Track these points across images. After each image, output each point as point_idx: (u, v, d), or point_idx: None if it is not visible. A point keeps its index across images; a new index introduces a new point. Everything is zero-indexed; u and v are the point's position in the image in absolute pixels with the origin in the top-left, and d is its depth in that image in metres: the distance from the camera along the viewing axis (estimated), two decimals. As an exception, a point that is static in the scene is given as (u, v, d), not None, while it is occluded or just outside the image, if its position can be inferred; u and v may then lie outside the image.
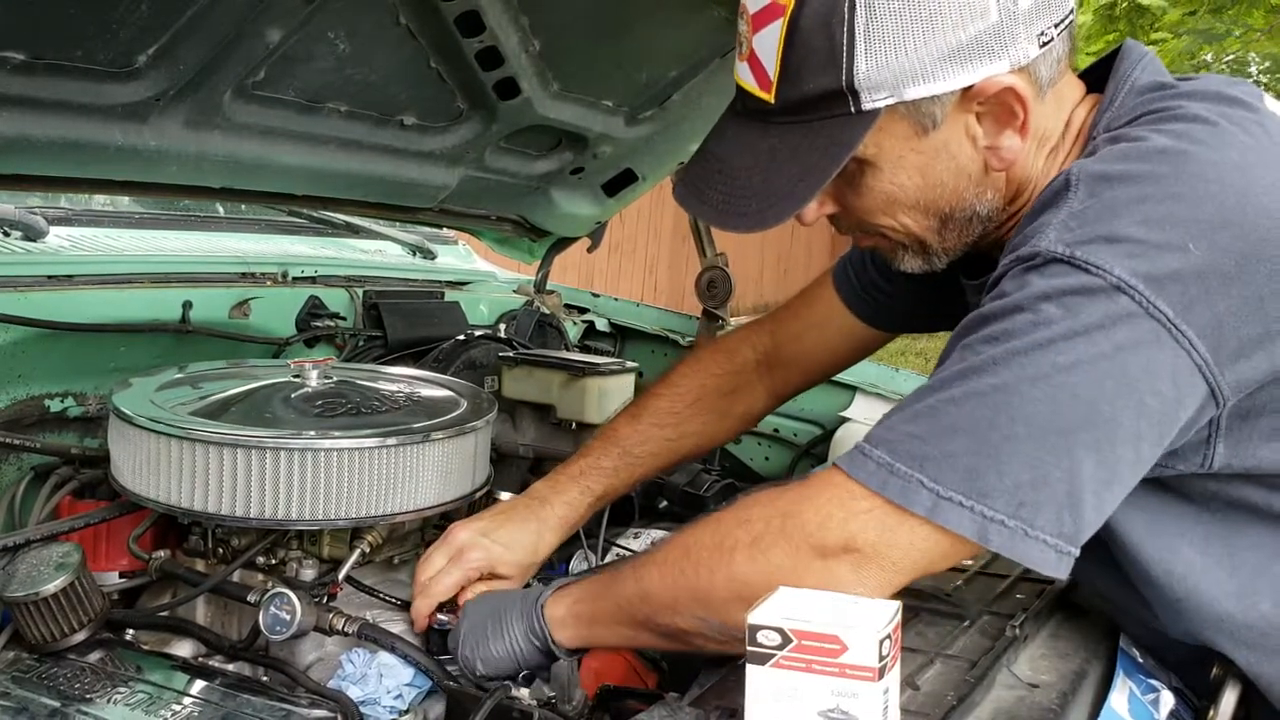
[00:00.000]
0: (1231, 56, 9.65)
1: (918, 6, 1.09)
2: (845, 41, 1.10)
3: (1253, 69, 10.99)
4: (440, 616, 1.44)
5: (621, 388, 2.08)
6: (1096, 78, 1.26)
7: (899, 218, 1.24)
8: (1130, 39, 1.32)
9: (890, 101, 1.13)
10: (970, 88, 1.14)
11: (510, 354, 2.12)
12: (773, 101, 1.17)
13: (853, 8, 1.09)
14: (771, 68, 1.15)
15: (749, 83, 1.19)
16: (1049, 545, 1.03)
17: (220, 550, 1.52)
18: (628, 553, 1.89)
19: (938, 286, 1.42)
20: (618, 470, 1.61)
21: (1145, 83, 1.20)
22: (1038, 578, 1.39)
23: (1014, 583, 1.48)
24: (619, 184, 2.50)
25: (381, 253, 2.66)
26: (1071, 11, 1.19)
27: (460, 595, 1.46)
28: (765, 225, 1.20)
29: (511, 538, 1.52)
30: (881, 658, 0.93)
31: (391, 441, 1.44)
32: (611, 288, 9.35)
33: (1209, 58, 9.13)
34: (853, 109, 1.14)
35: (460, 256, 2.89)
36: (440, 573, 1.46)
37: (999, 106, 1.16)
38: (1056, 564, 1.04)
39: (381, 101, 1.91)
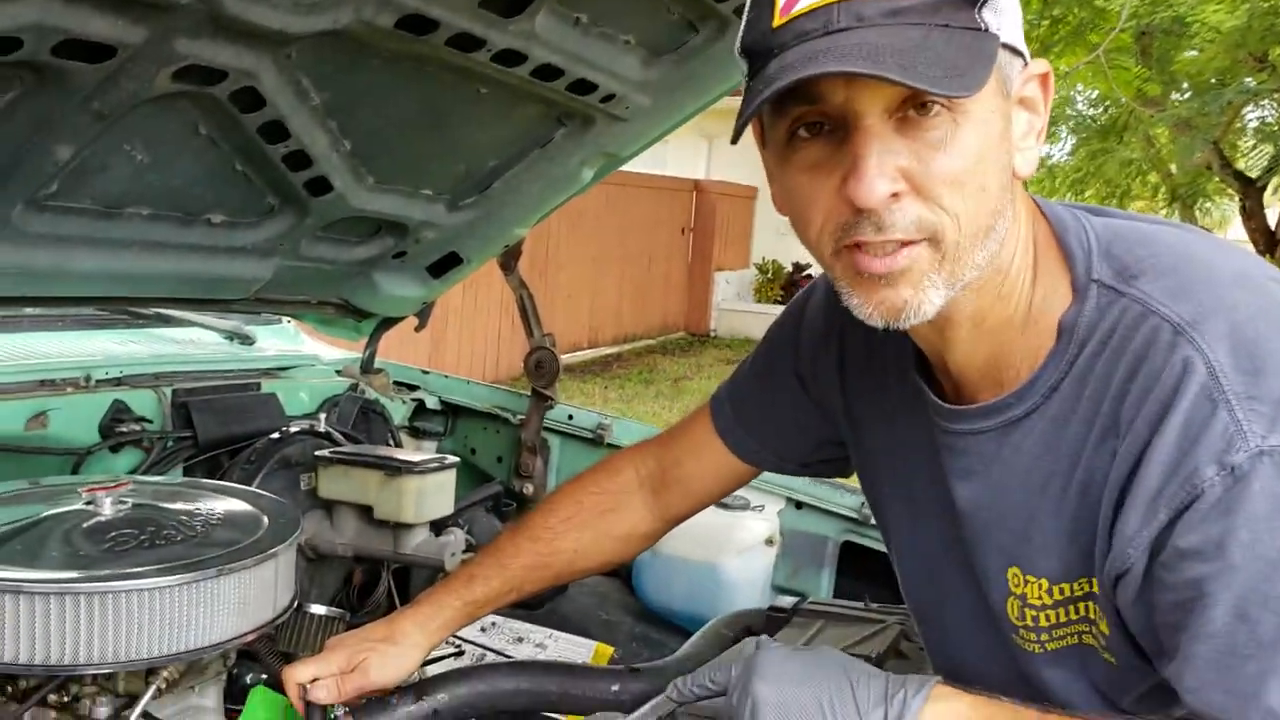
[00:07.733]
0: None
1: None
2: None
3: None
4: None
5: (440, 485, 2.07)
6: None
7: (966, 199, 1.01)
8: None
9: (1001, 32, 0.99)
10: (1025, 64, 1.04)
11: (325, 453, 2.10)
12: None
13: None
14: None
15: None
16: None
17: (9, 689, 1.46)
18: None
19: (819, 438, 1.49)
20: (488, 579, 1.57)
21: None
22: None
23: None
24: (444, 266, 2.49)
25: (194, 342, 2.58)
26: None
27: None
28: (969, 89, 0.95)
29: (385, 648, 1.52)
30: None
31: (186, 577, 1.40)
32: (453, 360, 9.14)
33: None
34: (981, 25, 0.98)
35: (287, 337, 2.82)
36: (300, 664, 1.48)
37: (1035, 98, 1.06)
38: None
39: (186, 202, 1.87)
